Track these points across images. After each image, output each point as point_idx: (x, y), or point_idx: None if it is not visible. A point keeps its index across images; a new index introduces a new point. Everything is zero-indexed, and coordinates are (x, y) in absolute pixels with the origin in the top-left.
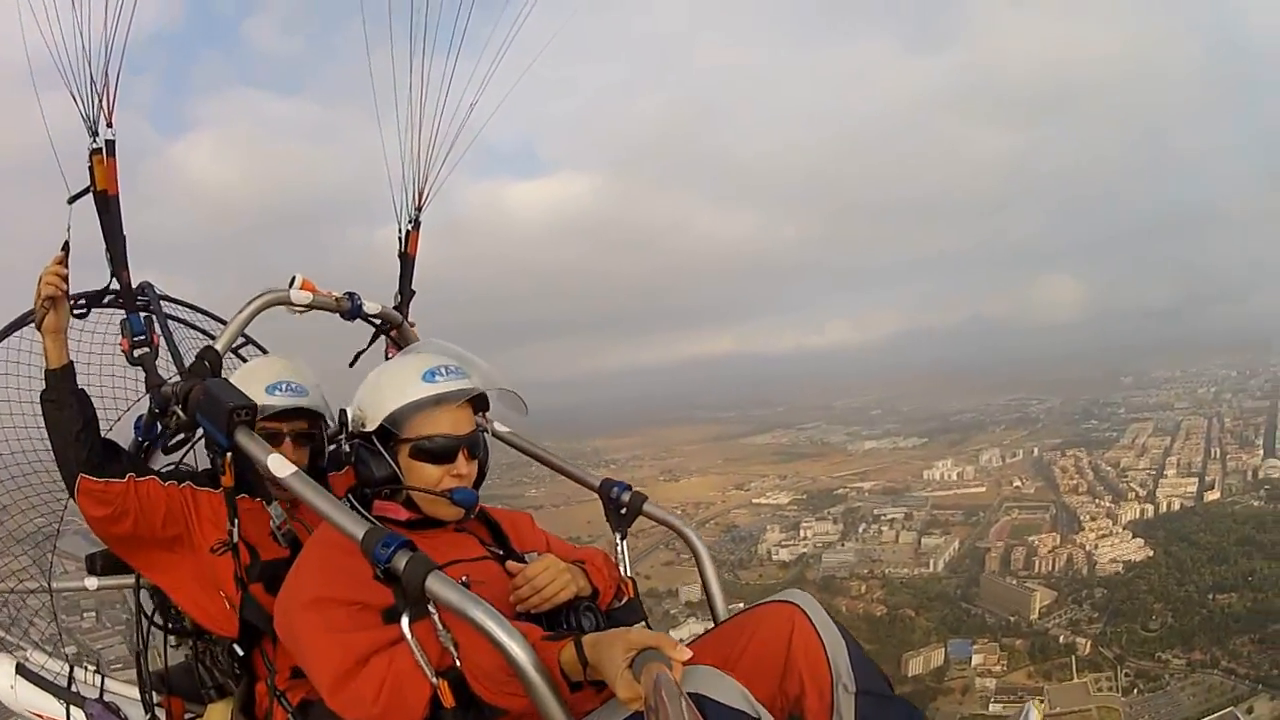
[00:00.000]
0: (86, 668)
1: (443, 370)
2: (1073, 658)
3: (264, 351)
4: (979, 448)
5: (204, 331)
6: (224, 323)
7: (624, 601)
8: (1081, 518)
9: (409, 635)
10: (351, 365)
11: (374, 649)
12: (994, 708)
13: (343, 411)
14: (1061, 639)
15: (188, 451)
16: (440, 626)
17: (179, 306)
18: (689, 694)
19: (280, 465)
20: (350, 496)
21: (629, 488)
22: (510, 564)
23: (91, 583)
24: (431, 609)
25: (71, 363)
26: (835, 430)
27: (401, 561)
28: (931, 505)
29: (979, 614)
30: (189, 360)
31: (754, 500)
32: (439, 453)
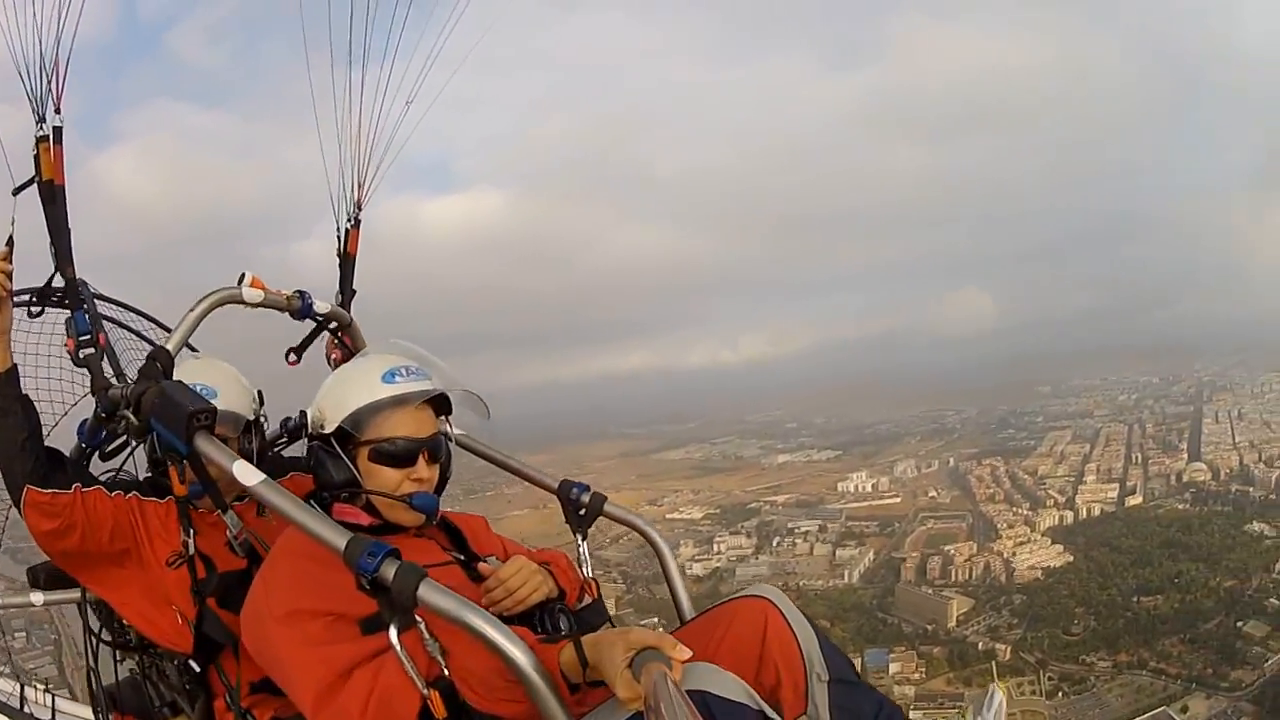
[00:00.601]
0: (36, 687)
1: (403, 371)
2: (993, 663)
3: (195, 352)
4: (894, 459)
5: (136, 333)
6: (158, 323)
7: (588, 603)
8: (999, 526)
9: (398, 646)
10: (295, 363)
11: (356, 661)
12: (914, 715)
13: (302, 413)
14: (980, 646)
15: (127, 458)
16: (427, 635)
17: (113, 306)
18: (691, 691)
19: (247, 473)
20: (311, 502)
21: (588, 488)
22: (482, 566)
23: (38, 598)
24: (418, 618)
25: (15, 366)
26: (749, 444)
27: (390, 571)
28: (846, 517)
29: (895, 623)
30: (124, 362)
31: (667, 515)
32: (399, 455)
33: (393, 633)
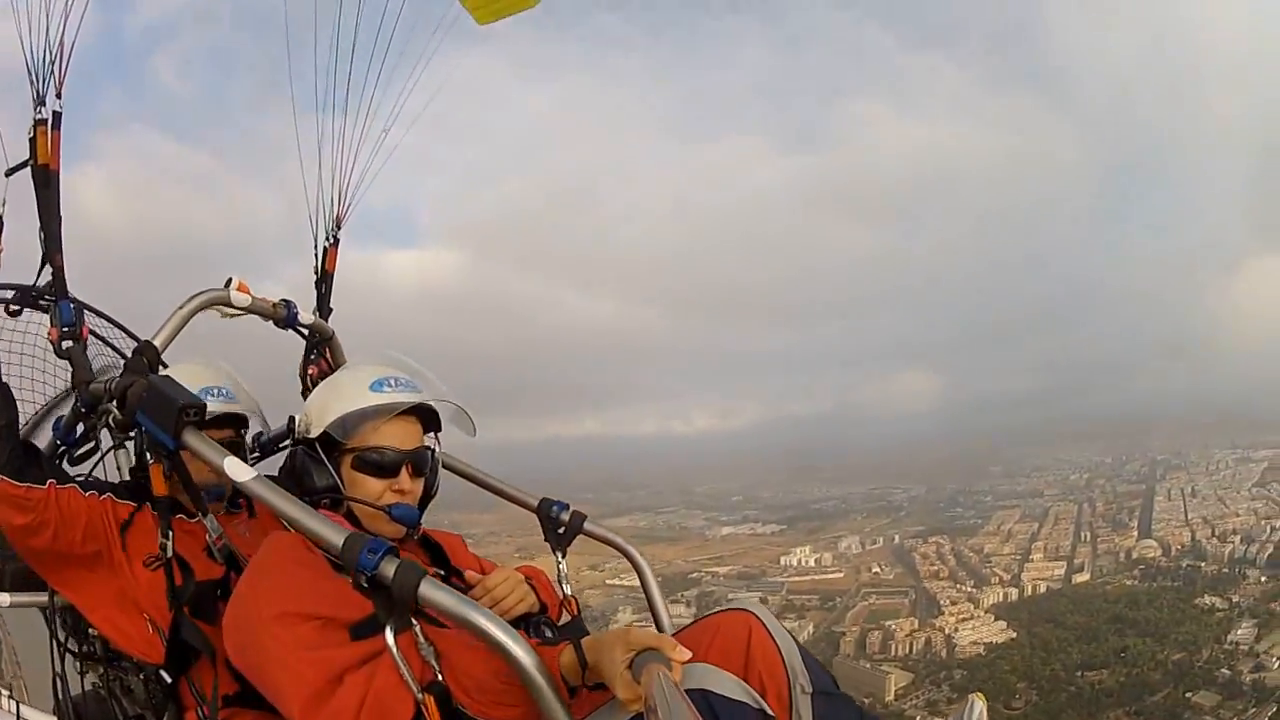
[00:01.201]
0: (2, 694)
1: (392, 381)
2: None
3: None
4: (839, 534)
5: (101, 338)
6: (128, 331)
7: (568, 620)
8: (941, 602)
9: (394, 648)
10: (304, 392)
11: (348, 666)
12: None
13: (291, 419)
14: (919, 719)
15: (97, 464)
16: (422, 639)
17: (87, 312)
18: (692, 691)
19: (238, 469)
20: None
21: (568, 506)
22: (469, 575)
23: (4, 599)
24: (413, 621)
25: None
26: (694, 515)
27: (390, 568)
28: (787, 590)
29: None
30: (96, 365)
31: (608, 581)
32: (382, 465)
33: (389, 634)
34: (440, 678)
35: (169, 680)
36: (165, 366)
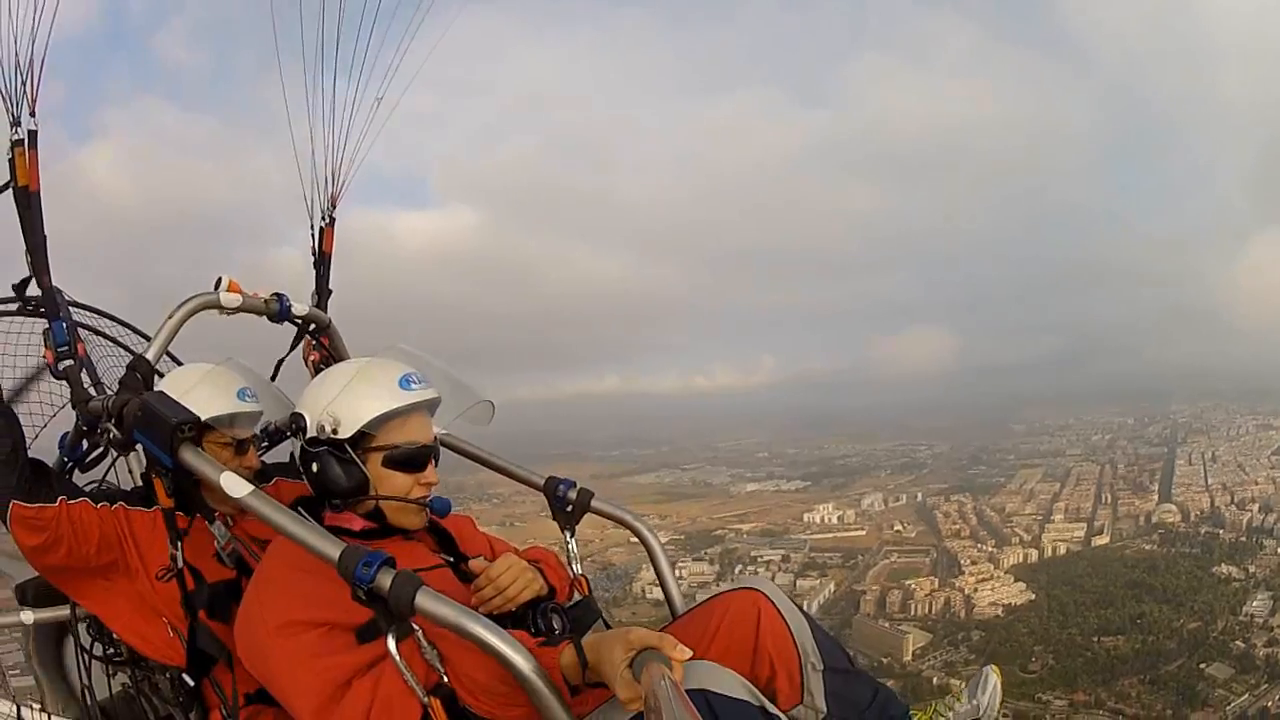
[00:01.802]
0: (32, 707)
1: (414, 378)
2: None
3: (177, 361)
4: (862, 492)
5: (113, 339)
6: (134, 329)
7: (578, 600)
8: (962, 562)
9: (396, 655)
10: (273, 378)
11: (354, 672)
12: None
13: (300, 415)
14: (935, 680)
15: (109, 469)
16: (425, 644)
17: (87, 313)
18: (692, 690)
19: (235, 485)
20: (300, 509)
21: (574, 484)
22: (473, 563)
23: (28, 617)
24: (415, 626)
25: None
26: (719, 472)
27: (386, 580)
28: (810, 548)
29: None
30: (102, 370)
31: (631, 539)
32: (413, 460)
33: (390, 642)
34: (445, 680)
35: (191, 683)
36: (163, 375)
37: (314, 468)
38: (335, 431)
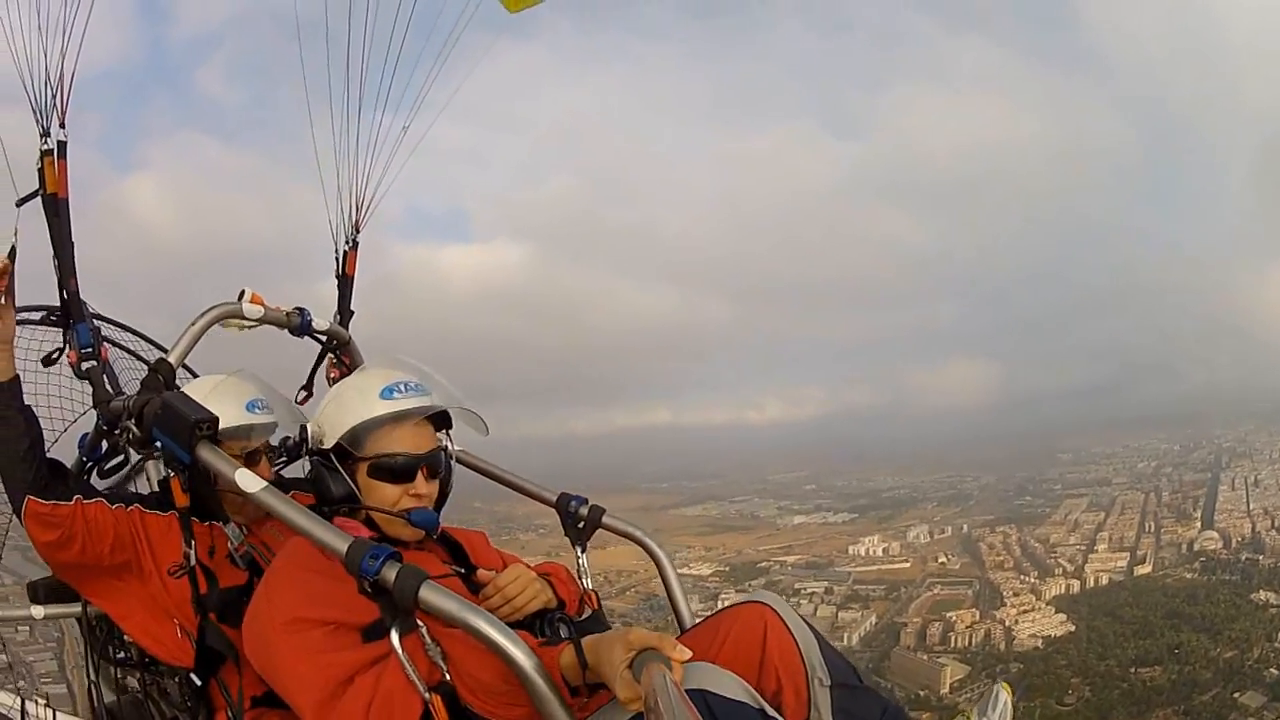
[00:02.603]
0: (37, 701)
1: (402, 387)
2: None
3: (193, 374)
4: (908, 524)
5: (132, 353)
6: (155, 344)
7: (588, 614)
8: (1005, 593)
9: (399, 650)
10: (308, 390)
11: (357, 669)
12: None
13: (303, 428)
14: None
15: (126, 478)
16: (429, 641)
17: (110, 326)
18: (691, 691)
19: (249, 480)
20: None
21: (586, 500)
22: (480, 573)
23: (38, 612)
24: (419, 623)
25: (18, 376)
26: (767, 504)
27: (391, 573)
28: (854, 580)
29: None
30: (124, 379)
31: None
32: (397, 471)
33: (394, 637)
34: (447, 678)
35: (199, 683)
36: (189, 380)
37: (313, 477)
38: (321, 442)
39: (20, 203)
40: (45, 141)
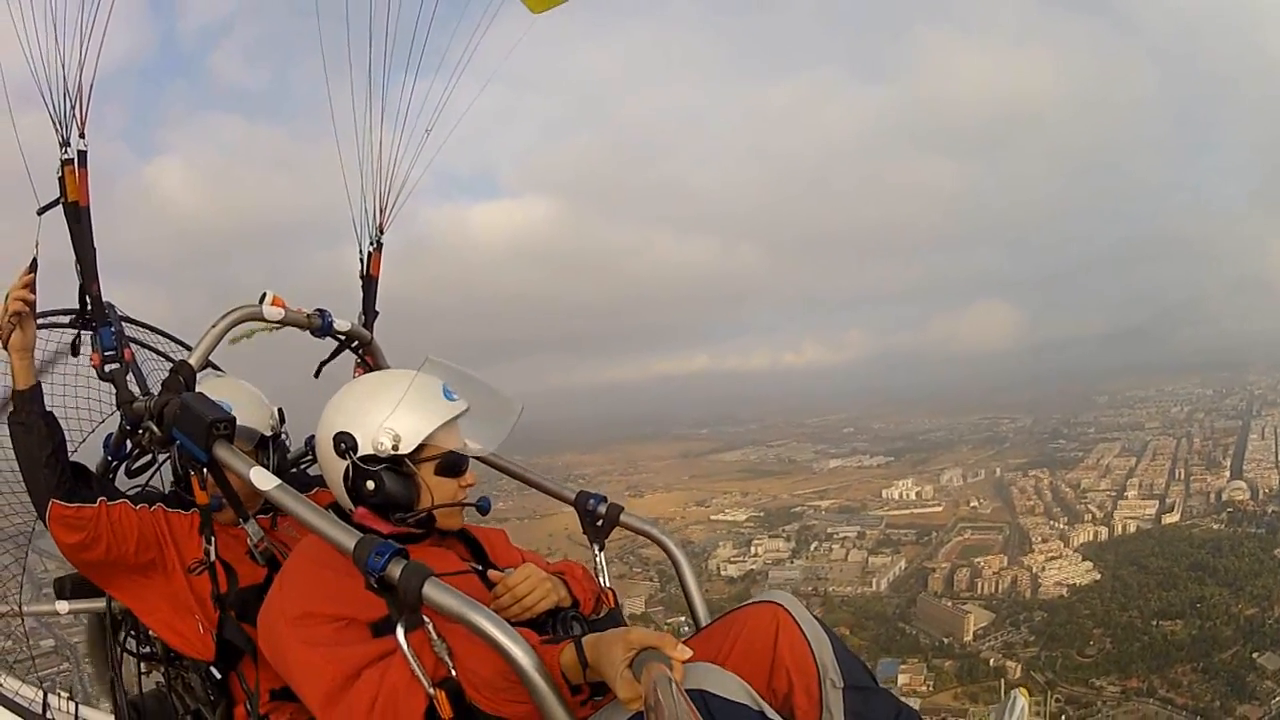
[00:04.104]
0: (60, 695)
1: (449, 389)
2: (1002, 681)
3: (220, 371)
4: (942, 467)
5: (160, 353)
6: (182, 344)
7: (604, 613)
8: (1033, 539)
9: (405, 645)
10: (316, 375)
11: (364, 663)
12: None
13: (347, 435)
14: (992, 661)
15: (152, 476)
16: (435, 636)
17: (138, 328)
18: (693, 691)
19: (263, 478)
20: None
21: (604, 499)
22: (492, 573)
23: (62, 606)
24: (425, 619)
25: (39, 383)
26: (804, 448)
27: (396, 569)
28: (886, 524)
29: (914, 634)
30: (151, 381)
31: (712, 517)
32: (457, 466)
33: (399, 632)
34: (453, 674)
35: (219, 676)
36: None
37: (369, 485)
38: (396, 448)
39: (41, 211)
40: (65, 151)
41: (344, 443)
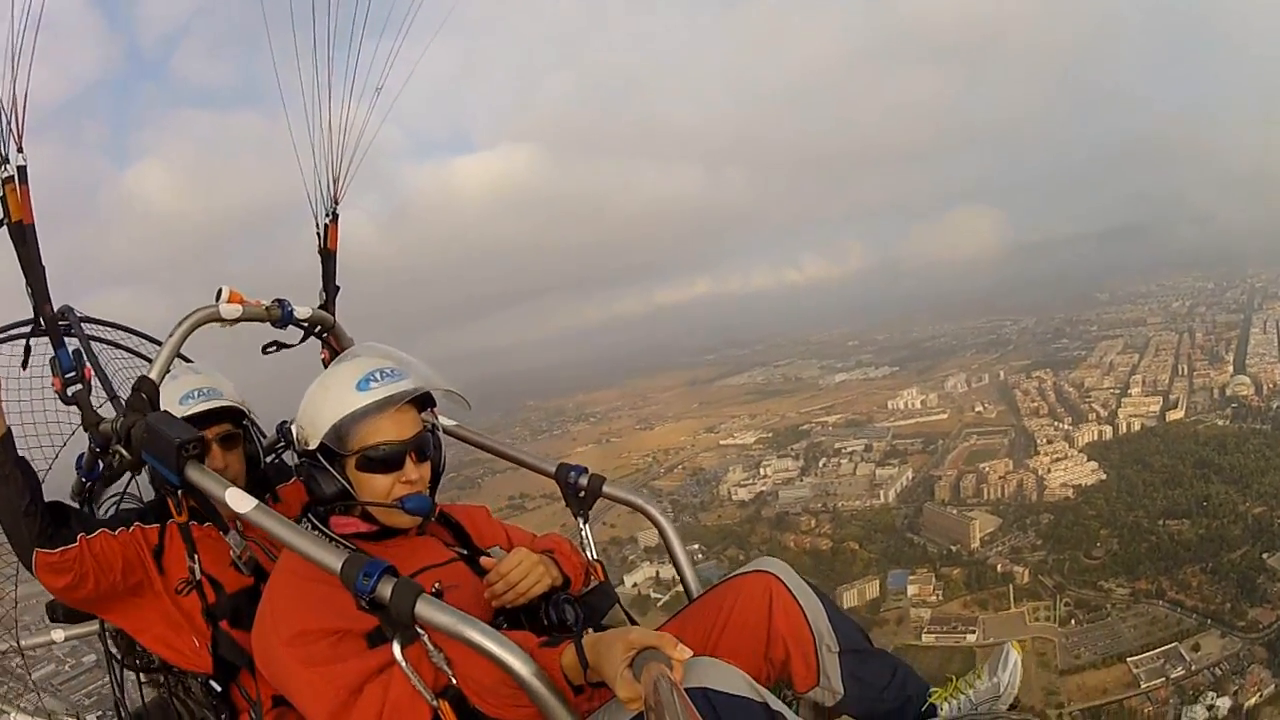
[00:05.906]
0: (64, 717)
1: (377, 375)
2: (1010, 587)
3: (188, 361)
4: (947, 374)
5: (130, 350)
6: (151, 339)
7: (594, 585)
8: (1039, 441)
9: (402, 661)
10: (264, 352)
11: (365, 677)
12: (926, 638)
13: (281, 424)
14: (1000, 568)
15: (130, 480)
16: (431, 647)
17: (102, 327)
18: (694, 688)
19: (239, 500)
20: (309, 516)
21: (585, 470)
22: (484, 560)
23: (59, 635)
24: (421, 631)
25: (10, 430)
26: (809, 365)
27: (387, 589)
28: (892, 435)
29: (922, 544)
30: (118, 384)
31: (722, 442)
32: (385, 461)
33: (396, 648)
34: (454, 682)
35: (219, 689)
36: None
37: (305, 478)
38: (307, 443)
39: None
40: (4, 169)
41: (285, 432)
